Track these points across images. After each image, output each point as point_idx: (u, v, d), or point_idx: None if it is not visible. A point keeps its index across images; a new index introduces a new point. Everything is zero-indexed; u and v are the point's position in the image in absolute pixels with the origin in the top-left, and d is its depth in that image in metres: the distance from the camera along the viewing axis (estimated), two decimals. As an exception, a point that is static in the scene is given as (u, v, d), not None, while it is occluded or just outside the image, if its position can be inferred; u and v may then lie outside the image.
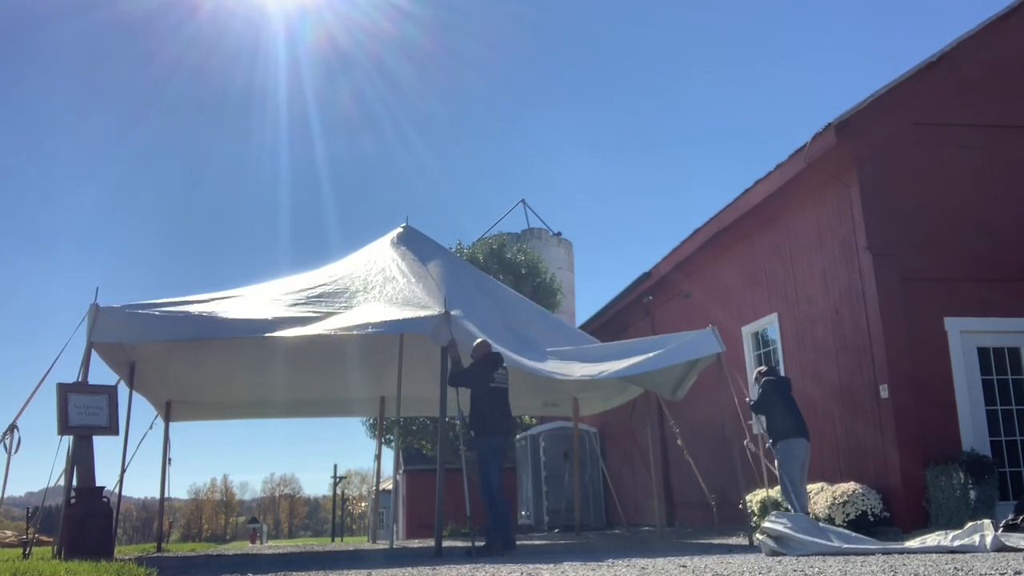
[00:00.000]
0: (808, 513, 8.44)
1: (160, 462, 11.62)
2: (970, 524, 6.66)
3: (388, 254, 10.23)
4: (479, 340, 8.15)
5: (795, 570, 4.73)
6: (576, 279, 29.62)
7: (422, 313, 8.14)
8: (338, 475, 45.27)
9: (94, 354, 8.30)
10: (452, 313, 8.04)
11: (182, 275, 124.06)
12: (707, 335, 9.46)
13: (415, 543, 13.45)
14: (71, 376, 7.89)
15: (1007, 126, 10.13)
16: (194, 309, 8.02)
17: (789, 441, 8.76)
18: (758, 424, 9.81)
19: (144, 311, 7.85)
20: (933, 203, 9.72)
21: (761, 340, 11.96)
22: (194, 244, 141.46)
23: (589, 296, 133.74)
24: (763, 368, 9.61)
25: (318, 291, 9.06)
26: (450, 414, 8.13)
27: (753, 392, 9.74)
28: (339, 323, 8.04)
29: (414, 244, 10.71)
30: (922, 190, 9.74)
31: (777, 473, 8.99)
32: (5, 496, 7.81)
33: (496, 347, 8.37)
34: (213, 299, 8.56)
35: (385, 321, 8.00)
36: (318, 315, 8.21)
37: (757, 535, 7.03)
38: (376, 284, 9.36)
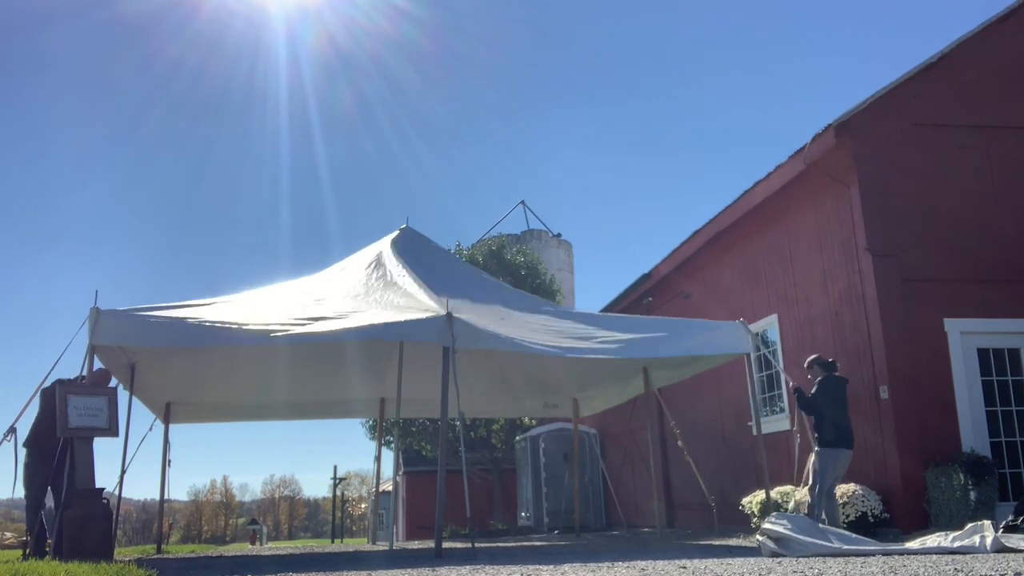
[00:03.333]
0: (837, 523, 8.01)
1: (160, 464, 11.62)
2: (970, 525, 6.65)
3: (388, 256, 10.22)
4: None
5: (795, 571, 4.73)
6: (576, 280, 29.65)
7: (423, 315, 8.11)
8: (338, 476, 45.17)
9: (104, 355, 8.32)
10: (454, 314, 8.01)
11: (183, 275, 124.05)
12: (736, 329, 9.04)
13: (415, 544, 13.44)
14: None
15: (1007, 127, 10.14)
16: (195, 314, 7.99)
17: (833, 451, 8.18)
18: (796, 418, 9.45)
19: (145, 314, 7.84)
20: (933, 204, 9.73)
21: (761, 341, 11.96)
22: (195, 244, 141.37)
23: (589, 297, 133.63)
24: (822, 359, 8.63)
25: (317, 294, 9.05)
26: (451, 415, 8.10)
27: (795, 388, 9.20)
28: (340, 326, 7.99)
29: (414, 245, 10.71)
30: (922, 191, 9.75)
31: (810, 474, 8.45)
32: (4, 498, 7.81)
33: (506, 333, 8.32)
34: (214, 303, 8.54)
35: (387, 323, 7.94)
36: (319, 319, 8.17)
37: (757, 536, 7.02)
38: (377, 287, 9.35)
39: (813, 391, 8.45)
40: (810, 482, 8.47)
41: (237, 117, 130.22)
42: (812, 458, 8.45)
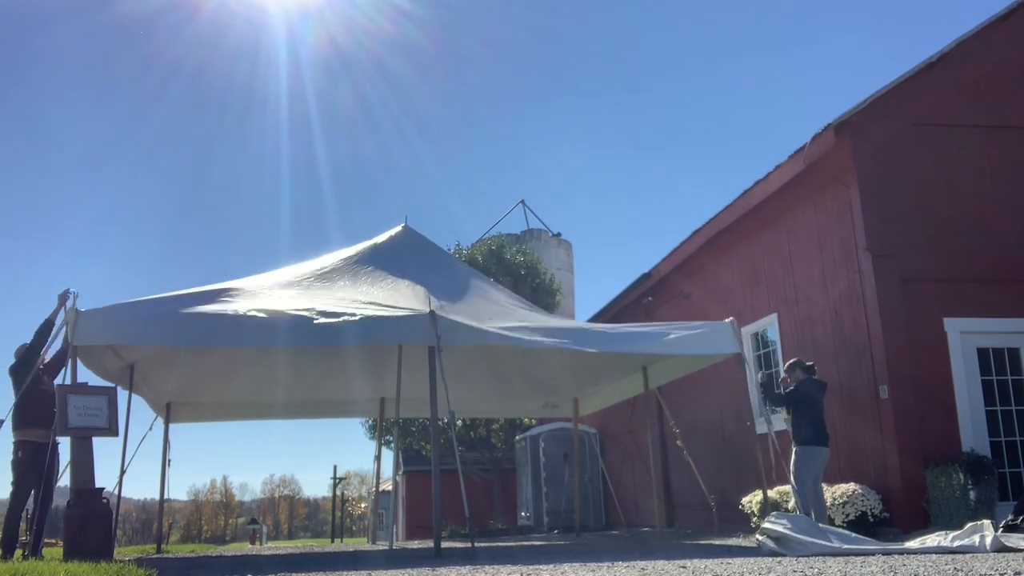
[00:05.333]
0: (824, 521, 8.14)
1: (160, 463, 11.62)
2: (970, 525, 6.65)
3: (382, 255, 10.20)
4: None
5: (795, 571, 4.72)
6: (576, 280, 29.64)
7: (406, 315, 8.03)
8: (338, 476, 45.14)
9: (93, 356, 8.29)
10: (437, 313, 7.95)
11: (183, 275, 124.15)
12: (724, 329, 8.95)
13: (415, 544, 13.44)
14: (78, 378, 7.84)
15: (1007, 127, 10.13)
16: (180, 308, 7.89)
17: (812, 448, 8.32)
18: (765, 419, 9.57)
19: (127, 311, 7.75)
20: (933, 203, 9.72)
21: (761, 341, 11.96)
22: (195, 244, 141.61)
23: (589, 297, 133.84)
24: (802, 362, 8.79)
25: (305, 292, 8.98)
26: (442, 415, 8.04)
27: (762, 381, 9.29)
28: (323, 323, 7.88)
29: (410, 244, 10.70)
30: (922, 191, 9.74)
31: (791, 473, 8.59)
32: (4, 497, 7.79)
33: (492, 327, 8.28)
34: (197, 293, 8.44)
35: (369, 326, 7.84)
36: (308, 316, 8.07)
37: (757, 536, 7.02)
38: (366, 285, 9.30)
39: (790, 389, 8.62)
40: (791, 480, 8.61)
41: (237, 117, 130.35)
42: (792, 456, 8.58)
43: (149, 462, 12.11)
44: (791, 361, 8.91)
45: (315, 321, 7.70)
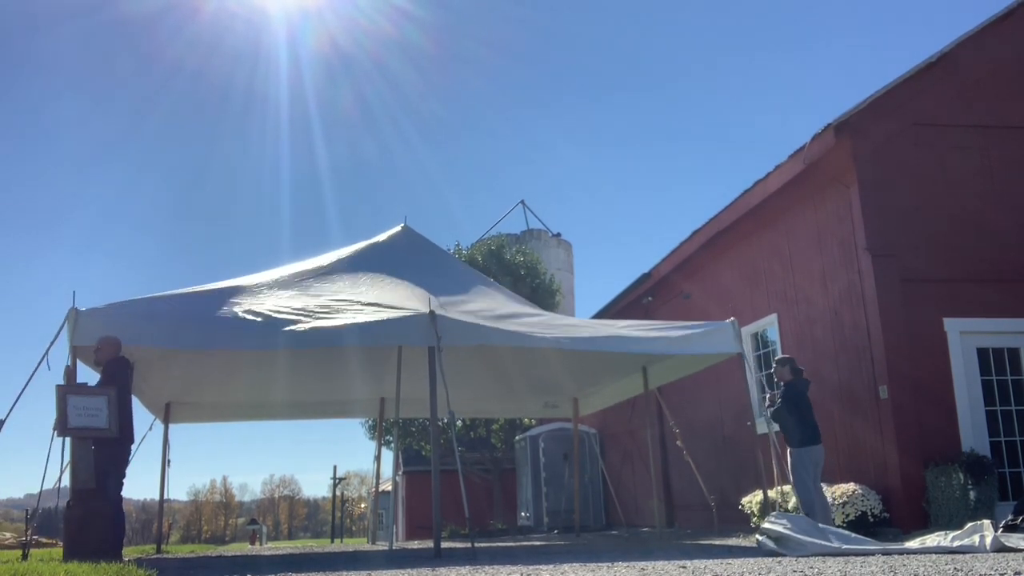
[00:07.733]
0: (829, 517, 8.22)
1: (160, 464, 11.62)
2: (970, 525, 6.65)
3: (381, 255, 10.19)
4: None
5: (795, 571, 4.72)
6: (576, 280, 29.65)
7: (407, 313, 8.02)
8: (337, 476, 45.07)
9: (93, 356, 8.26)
10: (437, 312, 7.94)
11: (183, 274, 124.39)
12: (725, 329, 8.96)
13: (415, 544, 13.44)
14: (79, 378, 7.81)
15: (1007, 127, 10.13)
16: (180, 308, 7.87)
17: (806, 449, 8.32)
18: (765, 419, 9.58)
19: (127, 311, 7.73)
20: (933, 203, 9.72)
21: (761, 341, 11.96)
22: (195, 243, 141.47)
23: (589, 297, 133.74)
24: (792, 361, 8.67)
25: (307, 288, 8.96)
26: (442, 415, 8.03)
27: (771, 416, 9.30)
28: (319, 325, 7.86)
29: (409, 244, 10.68)
30: (922, 191, 9.74)
31: (790, 477, 8.58)
32: (4, 497, 7.77)
33: (493, 327, 8.27)
34: (197, 293, 8.41)
35: (367, 326, 7.82)
36: (307, 317, 8.07)
37: (757, 536, 7.02)
38: (365, 286, 9.28)
39: (779, 401, 8.52)
40: (790, 480, 8.62)
41: (237, 117, 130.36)
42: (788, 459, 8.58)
43: (149, 462, 12.12)
44: (783, 357, 8.82)
45: (314, 327, 7.70)
